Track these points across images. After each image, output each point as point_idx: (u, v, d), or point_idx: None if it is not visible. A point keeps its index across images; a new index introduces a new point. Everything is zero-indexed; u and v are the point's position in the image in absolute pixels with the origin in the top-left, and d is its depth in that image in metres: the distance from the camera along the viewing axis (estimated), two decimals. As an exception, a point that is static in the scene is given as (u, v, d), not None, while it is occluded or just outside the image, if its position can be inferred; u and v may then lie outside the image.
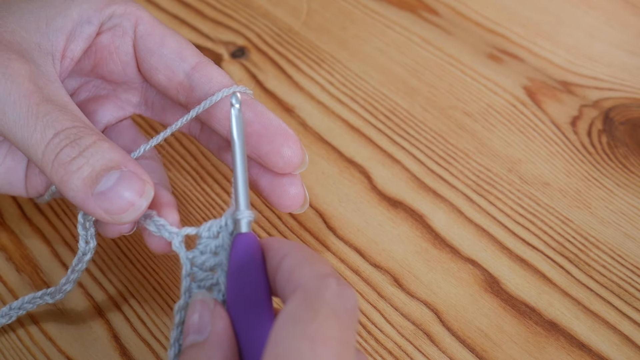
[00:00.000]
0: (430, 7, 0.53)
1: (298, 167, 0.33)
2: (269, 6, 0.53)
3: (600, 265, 0.38)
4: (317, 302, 0.24)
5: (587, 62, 0.49)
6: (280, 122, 0.33)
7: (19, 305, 0.35)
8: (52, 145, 0.29)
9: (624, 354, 0.35)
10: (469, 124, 0.45)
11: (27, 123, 0.29)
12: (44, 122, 0.29)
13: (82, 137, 0.29)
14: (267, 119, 0.33)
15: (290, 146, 0.33)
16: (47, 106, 0.30)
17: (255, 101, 0.34)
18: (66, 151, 0.29)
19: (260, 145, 0.33)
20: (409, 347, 0.35)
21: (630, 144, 0.44)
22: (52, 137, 0.29)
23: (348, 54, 0.50)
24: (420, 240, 0.40)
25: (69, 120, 0.30)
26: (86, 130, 0.30)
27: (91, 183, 0.29)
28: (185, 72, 0.34)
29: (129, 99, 0.37)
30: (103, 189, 0.29)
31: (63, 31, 0.33)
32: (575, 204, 0.41)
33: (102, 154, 0.29)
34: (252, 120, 0.33)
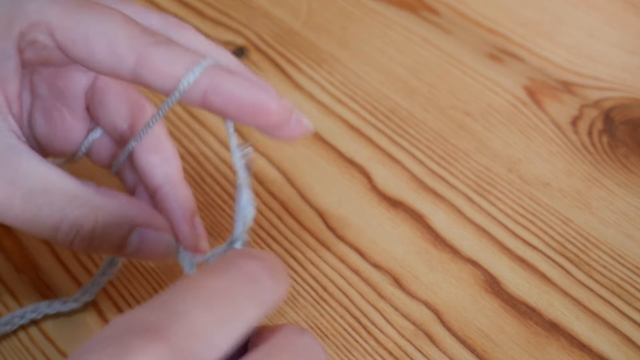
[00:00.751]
0: (430, 7, 0.53)
1: (290, 118, 0.30)
2: (269, 6, 0.53)
3: (601, 265, 0.38)
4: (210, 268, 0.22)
5: (587, 62, 0.49)
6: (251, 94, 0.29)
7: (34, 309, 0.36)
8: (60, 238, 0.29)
9: (625, 354, 0.35)
10: (469, 124, 0.45)
11: (24, 226, 0.29)
12: (40, 223, 0.29)
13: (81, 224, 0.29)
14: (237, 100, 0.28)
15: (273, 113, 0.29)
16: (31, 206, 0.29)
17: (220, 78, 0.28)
18: (77, 242, 0.29)
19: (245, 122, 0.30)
20: (409, 347, 0.35)
21: (630, 144, 0.44)
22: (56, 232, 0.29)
23: (348, 54, 0.50)
24: (421, 240, 0.39)
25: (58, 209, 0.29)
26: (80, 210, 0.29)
27: (119, 249, 0.30)
28: (130, 71, 0.29)
29: None
30: (131, 251, 0.30)
31: None
32: (576, 204, 0.41)
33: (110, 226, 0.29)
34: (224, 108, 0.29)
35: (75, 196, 0.29)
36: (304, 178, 0.42)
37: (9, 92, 0.30)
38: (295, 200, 0.41)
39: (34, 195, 0.29)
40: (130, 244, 0.30)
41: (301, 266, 0.38)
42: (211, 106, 0.29)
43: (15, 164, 0.29)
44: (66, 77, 0.33)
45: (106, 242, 0.30)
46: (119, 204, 0.30)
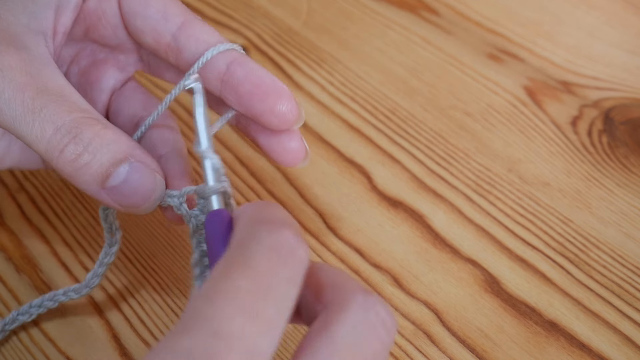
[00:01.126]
0: (430, 7, 0.53)
1: (294, 123, 0.32)
2: (269, 6, 0.53)
3: (601, 265, 0.38)
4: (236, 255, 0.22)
5: (587, 62, 0.49)
6: (272, 79, 0.31)
7: (39, 304, 0.35)
8: (53, 141, 0.28)
9: (624, 354, 0.35)
10: (469, 124, 0.45)
11: (24, 119, 0.29)
12: (42, 118, 0.28)
13: (82, 130, 0.29)
14: (258, 78, 0.31)
15: (283, 103, 0.31)
16: (42, 99, 0.29)
17: (246, 58, 0.32)
18: (70, 148, 0.28)
19: (253, 105, 0.31)
20: (409, 347, 0.35)
21: (630, 144, 0.44)
22: (53, 133, 0.28)
23: (348, 54, 0.50)
24: (420, 240, 0.39)
25: (67, 112, 0.29)
26: (86, 120, 0.29)
27: (101, 179, 0.29)
28: (171, 33, 0.32)
29: (127, 59, 0.36)
30: (114, 183, 0.29)
31: (50, 6, 0.32)
32: (576, 204, 0.41)
33: (108, 147, 0.29)
34: (242, 80, 0.31)
35: (85, 110, 0.30)
36: (304, 178, 0.42)
37: (60, 23, 0.32)
38: (295, 200, 0.41)
39: (48, 92, 0.29)
40: (117, 173, 0.28)
41: (301, 266, 0.38)
42: (231, 76, 0.31)
43: (40, 66, 0.30)
44: (102, 69, 0.35)
45: (97, 161, 0.28)
46: (122, 132, 0.30)
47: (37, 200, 0.41)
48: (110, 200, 0.29)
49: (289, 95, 0.31)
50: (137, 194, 0.29)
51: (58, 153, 0.29)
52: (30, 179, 0.42)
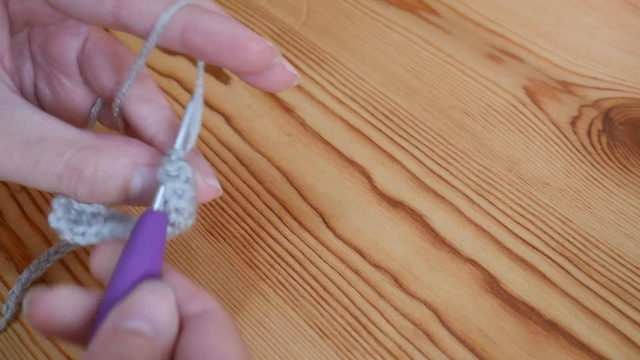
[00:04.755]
0: (430, 7, 0.53)
1: (272, 60, 0.30)
2: (269, 6, 0.53)
3: (600, 265, 0.38)
4: None
5: (586, 62, 0.49)
6: (232, 29, 0.28)
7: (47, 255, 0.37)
8: (63, 188, 0.29)
9: (624, 354, 0.35)
10: (469, 124, 0.45)
11: (25, 179, 0.29)
12: (40, 173, 0.28)
13: (82, 169, 0.28)
14: (217, 37, 0.28)
15: (253, 51, 0.28)
16: (30, 155, 0.28)
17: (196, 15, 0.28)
18: (81, 189, 0.29)
19: (223, 62, 0.29)
20: (408, 347, 0.35)
21: (630, 144, 0.44)
22: (57, 183, 0.29)
23: (348, 54, 0.50)
24: (420, 240, 0.40)
25: (58, 156, 0.28)
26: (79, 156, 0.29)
27: (123, 197, 0.29)
28: (110, 12, 0.29)
29: (77, 24, 0.34)
30: (135, 194, 0.29)
31: None
32: (575, 204, 0.41)
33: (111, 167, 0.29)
34: (202, 44, 0.28)
35: (72, 141, 0.29)
36: (304, 178, 0.42)
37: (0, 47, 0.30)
38: (295, 200, 0.41)
39: (32, 145, 0.28)
40: (133, 185, 0.29)
41: (301, 266, 0.38)
42: (190, 44, 0.28)
43: (9, 115, 0.29)
44: (57, 43, 0.33)
45: (110, 186, 0.29)
46: (117, 144, 0.29)
47: (38, 200, 0.41)
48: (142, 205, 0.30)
49: (256, 39, 0.28)
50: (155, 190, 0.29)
51: (73, 195, 0.29)
52: (31, 178, 0.42)
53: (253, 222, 0.40)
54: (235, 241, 0.39)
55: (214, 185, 0.31)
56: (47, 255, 0.38)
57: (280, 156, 0.44)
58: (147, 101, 0.32)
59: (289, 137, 0.45)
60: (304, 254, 0.39)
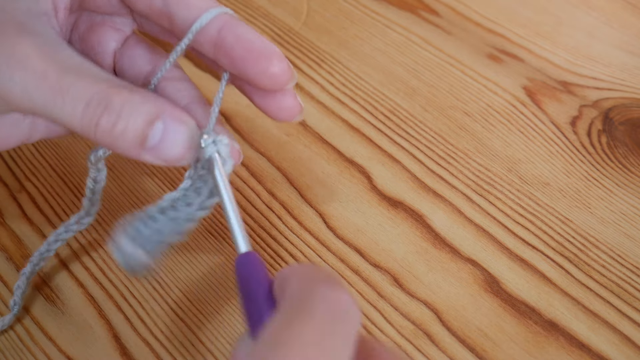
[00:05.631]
0: (430, 7, 0.53)
1: (287, 83, 0.32)
2: (269, 6, 0.53)
3: (600, 265, 0.38)
4: (298, 308, 0.23)
5: (586, 62, 0.49)
6: (262, 42, 0.32)
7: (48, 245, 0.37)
8: (87, 116, 0.29)
9: (624, 354, 0.35)
10: (469, 124, 0.45)
11: (55, 103, 0.29)
12: (71, 96, 0.29)
13: (112, 99, 0.29)
14: (248, 42, 0.32)
15: (275, 65, 0.31)
16: (66, 79, 0.29)
17: (236, 22, 0.32)
18: (104, 119, 0.29)
19: (245, 68, 0.32)
20: (408, 346, 0.35)
21: (629, 144, 0.44)
22: (85, 108, 0.29)
23: (348, 54, 0.50)
24: (420, 240, 0.40)
25: (92, 84, 0.30)
26: (112, 89, 0.30)
27: (140, 142, 0.29)
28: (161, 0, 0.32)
29: (123, 21, 0.36)
30: (153, 143, 0.29)
31: None
32: (575, 204, 0.41)
33: (139, 110, 0.29)
34: (233, 45, 0.31)
35: (108, 79, 0.30)
36: (304, 178, 0.42)
37: (59, 1, 0.33)
38: (295, 200, 0.41)
39: (70, 71, 0.29)
40: (153, 133, 0.29)
41: (301, 266, 0.38)
42: (223, 42, 0.31)
43: (54, 47, 0.30)
44: (100, 33, 0.35)
45: (132, 125, 0.29)
46: (149, 92, 0.30)
47: (38, 200, 0.42)
48: (154, 159, 0.30)
49: (280, 56, 0.31)
50: (176, 147, 0.30)
51: (94, 127, 0.29)
52: (31, 179, 0.42)
53: (253, 222, 0.40)
54: (235, 241, 0.39)
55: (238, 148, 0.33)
56: (47, 245, 0.37)
57: (280, 156, 0.44)
58: (182, 80, 0.35)
59: (289, 137, 0.45)
60: (304, 254, 0.39)
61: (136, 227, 0.29)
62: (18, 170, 0.43)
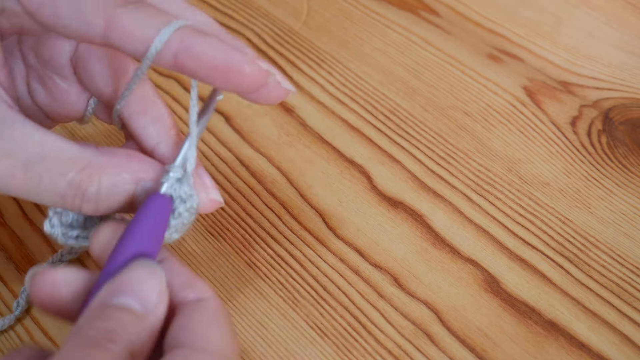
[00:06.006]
0: (430, 7, 0.53)
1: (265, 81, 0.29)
2: (269, 6, 0.53)
3: (600, 265, 0.38)
4: None
5: (586, 62, 0.49)
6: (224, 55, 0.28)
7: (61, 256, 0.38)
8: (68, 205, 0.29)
9: (624, 354, 0.35)
10: (469, 124, 0.45)
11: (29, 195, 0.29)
12: (43, 193, 0.29)
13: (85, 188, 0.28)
14: (210, 61, 0.28)
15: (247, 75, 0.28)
16: (32, 176, 0.28)
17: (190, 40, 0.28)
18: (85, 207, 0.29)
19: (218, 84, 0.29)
20: (408, 346, 0.35)
21: (629, 144, 0.44)
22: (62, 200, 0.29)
23: (348, 54, 0.50)
24: (420, 240, 0.40)
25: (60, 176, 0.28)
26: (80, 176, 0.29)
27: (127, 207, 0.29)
28: (99, 35, 0.28)
29: None
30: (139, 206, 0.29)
31: None
32: (575, 204, 0.41)
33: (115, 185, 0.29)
34: (195, 69, 0.28)
35: (74, 159, 0.29)
36: (304, 178, 0.42)
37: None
38: (295, 200, 0.41)
39: (33, 164, 0.28)
40: (137, 200, 0.29)
41: (301, 266, 0.38)
42: (183, 68, 0.28)
43: (9, 135, 0.28)
44: (49, 46, 0.33)
45: (113, 202, 0.29)
46: (119, 160, 0.29)
47: (38, 200, 0.41)
48: None
49: (249, 63, 0.28)
50: None
51: (77, 210, 0.29)
52: (31, 178, 0.42)
53: (253, 222, 0.40)
54: (235, 241, 0.39)
55: (216, 199, 0.31)
56: (61, 255, 0.38)
57: (280, 156, 0.44)
58: (146, 112, 0.32)
59: (289, 137, 0.45)
60: (304, 254, 0.39)
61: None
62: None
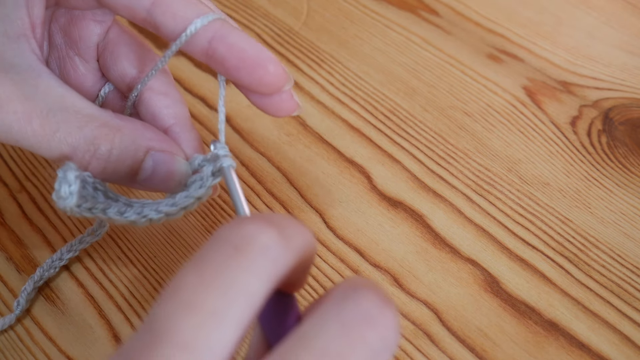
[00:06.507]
0: (430, 7, 0.53)
1: (283, 87, 0.31)
2: (269, 6, 0.53)
3: (600, 265, 0.38)
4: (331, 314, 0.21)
5: (586, 62, 0.49)
6: (255, 49, 0.30)
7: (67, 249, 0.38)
8: (76, 160, 0.29)
9: (624, 354, 0.35)
10: (469, 124, 0.45)
11: (41, 146, 0.29)
12: (57, 141, 0.29)
13: (99, 144, 0.29)
14: (241, 51, 0.30)
15: (270, 73, 0.30)
16: (50, 122, 0.29)
17: (227, 30, 0.30)
18: (93, 163, 0.29)
19: (240, 78, 0.31)
20: (408, 346, 0.35)
21: (629, 144, 0.44)
22: (72, 152, 0.29)
23: (348, 54, 0.50)
24: (420, 240, 0.40)
25: (77, 128, 0.29)
26: (98, 131, 0.29)
27: (130, 177, 0.30)
28: (145, 9, 0.30)
29: (105, 13, 0.34)
30: (143, 178, 0.30)
31: (19, 3, 0.30)
32: (575, 204, 0.41)
33: (127, 150, 0.29)
34: (226, 56, 0.30)
35: (93, 116, 0.29)
36: (304, 178, 0.42)
37: (34, 16, 0.31)
38: (295, 200, 0.41)
39: (53, 113, 0.29)
40: (144, 168, 0.30)
41: (301, 266, 0.38)
42: (214, 54, 0.30)
43: (35, 83, 0.29)
44: (81, 27, 0.34)
45: (121, 165, 0.30)
46: (135, 127, 0.30)
47: (38, 200, 0.42)
48: (145, 189, 0.31)
49: (275, 62, 0.30)
50: (166, 179, 0.31)
51: (84, 168, 0.30)
52: (31, 179, 0.42)
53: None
54: (235, 241, 0.39)
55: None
56: (61, 254, 0.38)
57: (280, 156, 0.44)
58: (168, 94, 0.34)
59: (289, 137, 0.45)
60: (304, 254, 0.39)
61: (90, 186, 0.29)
62: (18, 170, 0.43)
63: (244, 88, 0.32)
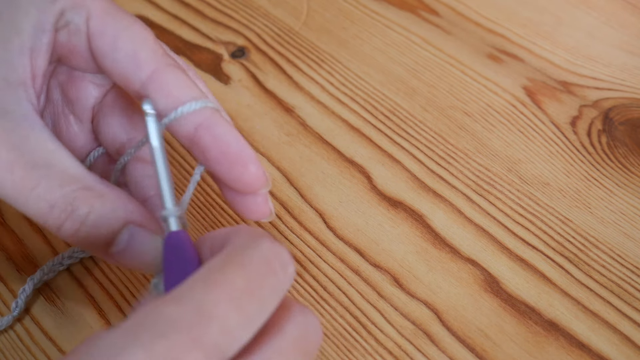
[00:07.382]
0: (430, 7, 0.53)
1: (260, 189, 0.31)
2: (269, 6, 0.53)
3: (600, 265, 0.38)
4: (235, 256, 0.23)
5: (586, 62, 0.49)
6: (239, 146, 0.30)
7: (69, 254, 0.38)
8: (50, 219, 0.28)
9: (624, 354, 0.35)
10: (469, 124, 0.45)
11: (18, 198, 0.28)
12: (35, 197, 0.28)
13: (77, 205, 0.28)
14: (225, 145, 0.30)
15: (250, 173, 0.30)
16: (32, 176, 0.28)
17: (215, 119, 0.30)
18: (67, 225, 0.28)
19: (220, 171, 0.30)
20: (408, 346, 0.35)
21: (629, 144, 0.44)
22: (48, 211, 0.28)
23: (348, 54, 0.50)
24: (420, 240, 0.40)
25: (58, 187, 0.28)
26: (78, 194, 0.28)
27: (104, 247, 0.29)
28: (140, 81, 0.30)
29: (104, 79, 0.34)
30: (117, 249, 0.29)
31: (24, 51, 0.30)
32: (575, 204, 0.41)
33: (105, 218, 0.28)
34: (209, 146, 0.30)
35: (77, 178, 0.29)
36: (304, 178, 0.42)
37: (37, 67, 0.31)
38: (295, 200, 0.41)
39: (37, 167, 0.28)
40: (119, 240, 0.29)
41: (301, 266, 0.38)
42: (199, 140, 0.30)
43: (25, 133, 0.29)
44: (79, 87, 0.34)
45: (96, 232, 0.28)
46: (118, 196, 0.29)
47: (38, 200, 0.42)
48: (117, 263, 0.30)
49: (256, 164, 0.30)
50: (140, 257, 0.29)
51: (56, 229, 0.29)
52: (31, 178, 0.42)
53: (253, 222, 0.40)
54: (235, 241, 0.39)
55: None
56: (62, 258, 0.38)
57: (280, 156, 0.44)
58: (148, 160, 0.33)
59: (289, 137, 0.45)
60: (304, 254, 0.39)
61: None
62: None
63: (221, 182, 0.31)
